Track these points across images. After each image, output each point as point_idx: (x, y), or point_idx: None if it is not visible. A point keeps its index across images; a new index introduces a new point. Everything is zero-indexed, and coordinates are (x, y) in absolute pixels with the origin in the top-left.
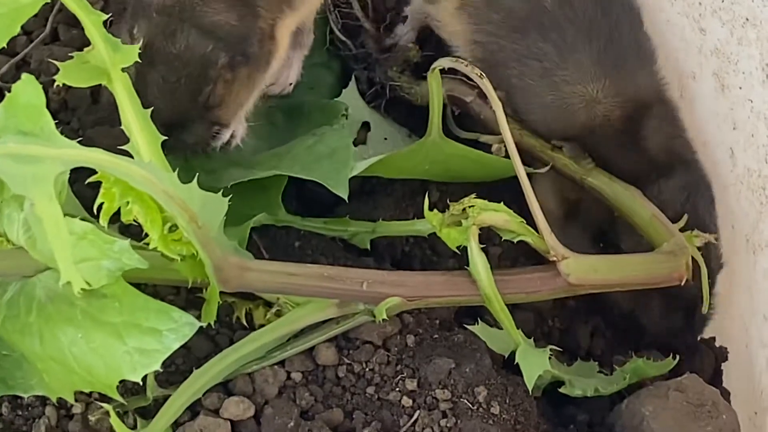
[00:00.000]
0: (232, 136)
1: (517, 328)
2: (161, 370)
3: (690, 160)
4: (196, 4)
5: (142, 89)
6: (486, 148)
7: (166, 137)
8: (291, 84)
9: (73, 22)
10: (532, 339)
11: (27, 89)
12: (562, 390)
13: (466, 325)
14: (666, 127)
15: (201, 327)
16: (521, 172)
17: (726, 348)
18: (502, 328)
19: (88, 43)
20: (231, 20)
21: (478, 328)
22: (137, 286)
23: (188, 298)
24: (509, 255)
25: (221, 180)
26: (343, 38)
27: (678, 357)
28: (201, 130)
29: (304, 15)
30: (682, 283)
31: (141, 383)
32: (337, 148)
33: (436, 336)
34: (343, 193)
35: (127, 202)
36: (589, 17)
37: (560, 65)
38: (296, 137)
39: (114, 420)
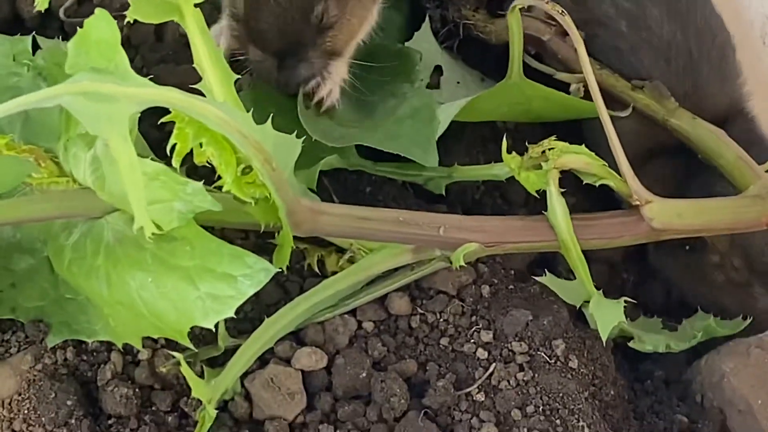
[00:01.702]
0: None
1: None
2: (231, 317)
3: None
4: None
5: (254, 14)
6: (561, 86)
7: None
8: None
9: None
10: (602, 292)
11: (100, 24)
12: (632, 344)
13: (535, 277)
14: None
15: None
16: (604, 113)
17: None
18: (573, 279)
19: None
20: None
21: (548, 279)
22: (206, 229)
23: (257, 242)
24: (581, 206)
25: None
26: None
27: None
28: (315, 58)
29: None
30: None
31: (210, 330)
32: (419, 107)
33: (511, 287)
34: (433, 163)
35: (201, 144)
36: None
37: None
38: (369, 84)
39: (185, 369)
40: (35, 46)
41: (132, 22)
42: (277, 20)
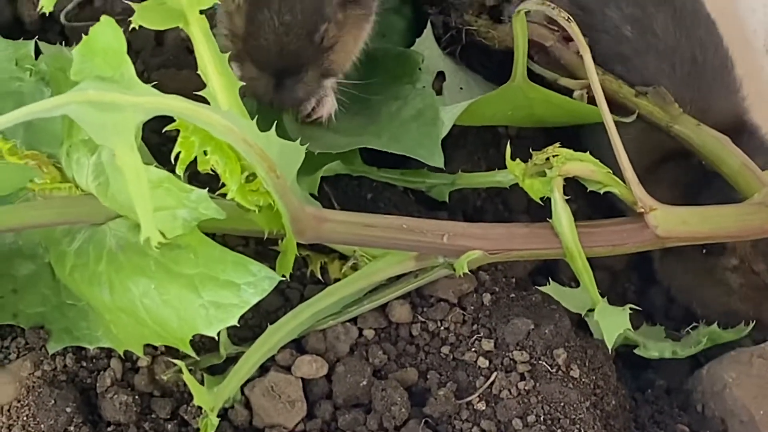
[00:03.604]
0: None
1: None
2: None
3: None
4: None
5: (254, 32)
6: (564, 93)
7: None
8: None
9: None
10: (605, 299)
11: (106, 32)
12: (637, 351)
13: (538, 286)
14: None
15: None
16: (608, 119)
17: None
18: (575, 287)
19: None
20: None
21: (551, 288)
22: (207, 236)
23: (257, 249)
24: (585, 214)
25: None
26: None
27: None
28: (314, 79)
29: None
30: None
31: (211, 338)
32: (422, 109)
33: (512, 295)
34: (439, 163)
35: (205, 152)
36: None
37: None
38: (371, 88)
39: (187, 376)
40: (37, 51)
41: (134, 27)
42: (279, 39)
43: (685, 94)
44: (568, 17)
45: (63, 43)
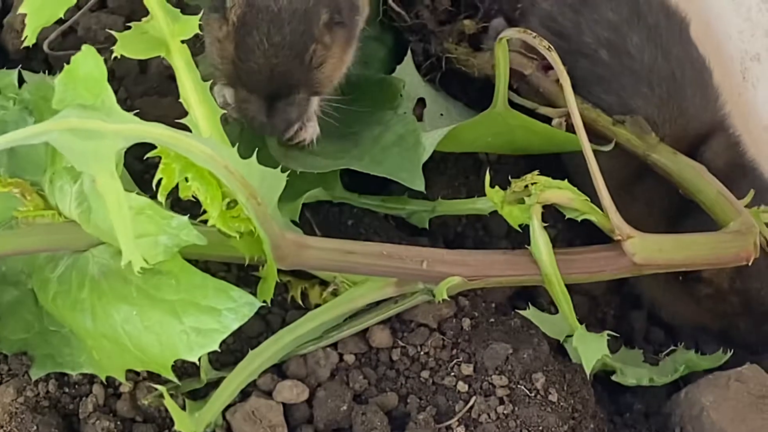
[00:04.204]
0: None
1: None
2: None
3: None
4: None
5: (244, 56)
6: (544, 120)
7: (267, 114)
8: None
9: None
10: (584, 325)
11: (87, 61)
12: (614, 378)
13: (518, 310)
14: (730, 149)
15: None
16: (587, 147)
17: None
18: (554, 313)
19: (135, 10)
20: None
21: (531, 313)
22: (189, 262)
23: (239, 275)
24: (564, 238)
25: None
26: (398, 9)
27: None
28: (304, 100)
29: None
30: (750, 263)
31: (193, 363)
32: (404, 134)
33: (492, 320)
34: (420, 187)
35: (186, 178)
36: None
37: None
38: (353, 114)
39: (168, 401)
40: (21, 80)
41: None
42: (269, 61)
43: (665, 112)
44: (549, 46)
45: (47, 71)
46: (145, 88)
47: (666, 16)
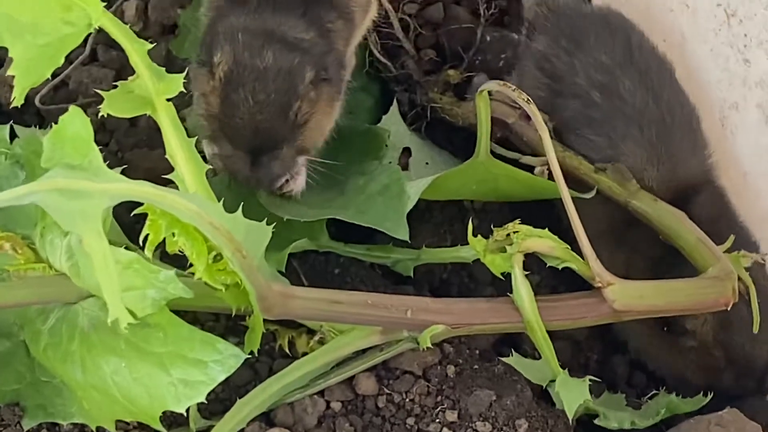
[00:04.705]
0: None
1: None
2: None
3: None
4: (279, 24)
5: (229, 111)
6: (528, 169)
7: (251, 168)
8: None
9: (112, 43)
10: (567, 370)
11: (74, 121)
12: (597, 422)
13: (501, 357)
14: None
15: None
16: (566, 196)
17: None
18: (538, 359)
19: (126, 64)
20: (313, 37)
21: (514, 360)
22: (178, 313)
23: (227, 324)
24: (548, 283)
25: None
26: (384, 60)
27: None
28: (289, 156)
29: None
30: (729, 308)
31: (182, 413)
32: (388, 184)
33: (476, 366)
34: (404, 235)
35: (173, 234)
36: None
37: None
38: (338, 163)
39: None
40: (13, 134)
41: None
42: (253, 117)
43: (653, 155)
44: (528, 98)
45: (38, 125)
46: (136, 141)
47: (657, 63)
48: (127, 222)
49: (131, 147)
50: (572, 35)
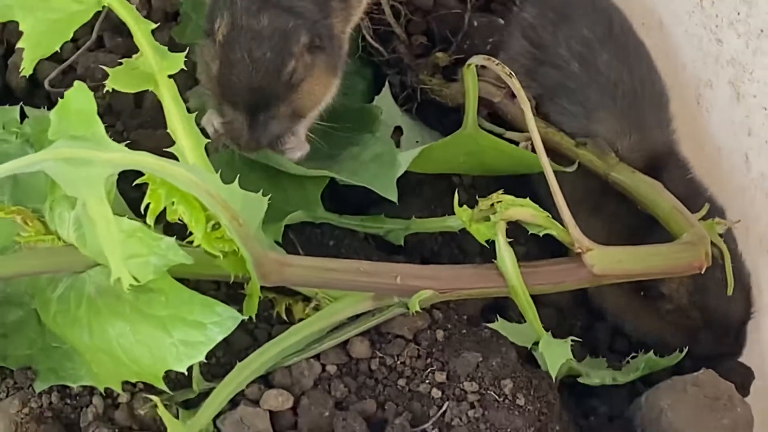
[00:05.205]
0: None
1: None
2: (203, 363)
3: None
4: None
5: (227, 71)
6: (512, 144)
7: (250, 127)
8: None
9: (118, 30)
10: (552, 335)
11: (78, 96)
12: (580, 380)
13: (488, 324)
14: (683, 173)
15: (241, 321)
16: (548, 168)
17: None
18: (523, 323)
19: (131, 50)
20: (308, 5)
21: (499, 325)
22: (180, 281)
23: (228, 293)
24: (533, 254)
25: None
26: (376, 45)
27: (686, 350)
28: (285, 116)
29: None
30: (703, 271)
31: (185, 374)
32: (381, 153)
33: (464, 331)
34: (393, 196)
35: (173, 203)
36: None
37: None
38: (333, 140)
39: (161, 410)
40: (23, 115)
41: (111, 90)
42: (249, 76)
43: (625, 124)
44: (511, 73)
45: (48, 107)
46: (140, 121)
47: (635, 41)
48: (134, 197)
49: (136, 127)
50: (559, 9)
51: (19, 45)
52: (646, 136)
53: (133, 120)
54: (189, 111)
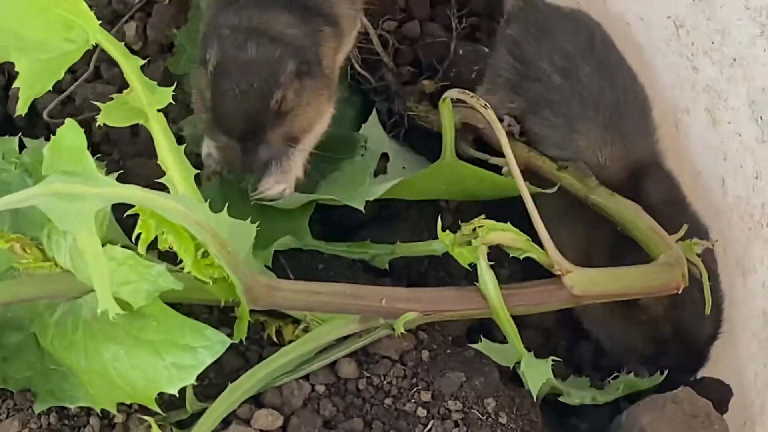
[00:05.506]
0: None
1: (525, 346)
2: (196, 384)
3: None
4: (265, 19)
5: (219, 101)
6: (497, 168)
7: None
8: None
9: (114, 61)
10: (537, 355)
11: (70, 132)
12: (561, 399)
13: (472, 344)
14: (665, 184)
15: (233, 344)
16: (525, 193)
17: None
18: (506, 343)
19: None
20: (297, 31)
21: (483, 345)
22: (174, 306)
23: (220, 317)
24: (516, 277)
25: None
26: (364, 73)
27: (668, 372)
28: (275, 141)
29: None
30: (680, 291)
31: (178, 396)
32: (355, 173)
33: (448, 351)
34: (359, 206)
35: (163, 232)
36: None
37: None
38: (320, 167)
39: (156, 431)
40: (22, 145)
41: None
42: (239, 105)
43: (607, 135)
44: (485, 104)
45: (47, 137)
46: (137, 150)
47: (616, 55)
48: (130, 225)
49: (133, 156)
50: (542, 24)
51: (15, 84)
52: (628, 145)
53: (130, 148)
54: (183, 139)
